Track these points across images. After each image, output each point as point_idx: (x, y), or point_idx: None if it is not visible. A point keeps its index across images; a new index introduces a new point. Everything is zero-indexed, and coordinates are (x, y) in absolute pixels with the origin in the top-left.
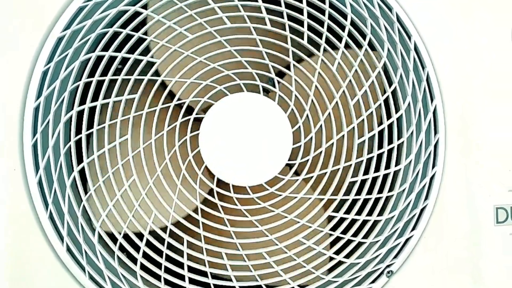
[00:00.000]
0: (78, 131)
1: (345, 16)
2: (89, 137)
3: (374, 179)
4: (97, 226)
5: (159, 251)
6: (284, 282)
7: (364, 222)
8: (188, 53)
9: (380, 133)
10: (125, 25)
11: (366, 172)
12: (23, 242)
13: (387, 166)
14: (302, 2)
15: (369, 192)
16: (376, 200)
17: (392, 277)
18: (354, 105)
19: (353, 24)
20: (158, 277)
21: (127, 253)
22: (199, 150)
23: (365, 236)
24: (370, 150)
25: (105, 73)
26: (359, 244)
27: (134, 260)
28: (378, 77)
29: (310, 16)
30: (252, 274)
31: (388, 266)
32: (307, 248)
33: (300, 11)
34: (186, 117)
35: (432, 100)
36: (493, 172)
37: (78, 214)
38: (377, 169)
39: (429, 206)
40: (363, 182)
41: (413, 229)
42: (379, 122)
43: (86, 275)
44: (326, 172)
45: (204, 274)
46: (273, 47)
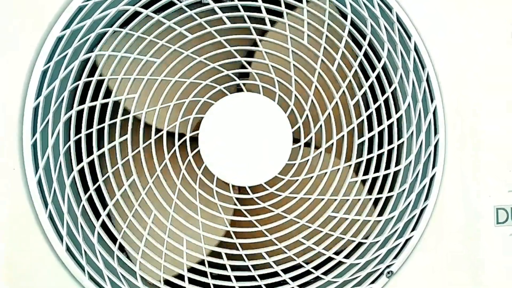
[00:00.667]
0: (78, 130)
1: (345, 17)
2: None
3: (374, 180)
4: (97, 226)
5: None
6: (283, 282)
7: (364, 222)
8: (188, 52)
9: (380, 133)
10: (125, 24)
11: (366, 172)
12: (22, 241)
13: (387, 167)
14: (302, 2)
15: (369, 192)
16: (376, 200)
17: (392, 278)
18: (354, 105)
19: (353, 24)
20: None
21: (126, 253)
22: (198, 150)
23: (365, 237)
24: (370, 150)
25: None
26: (359, 244)
27: (134, 260)
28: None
29: (310, 16)
30: (252, 274)
31: (388, 266)
32: (307, 248)
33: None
34: (186, 117)
35: (432, 101)
36: (493, 173)
37: (78, 214)
38: (377, 169)
39: (429, 207)
40: (363, 182)
41: (413, 229)
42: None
43: (86, 274)
44: (326, 172)
45: (203, 274)
46: (274, 47)
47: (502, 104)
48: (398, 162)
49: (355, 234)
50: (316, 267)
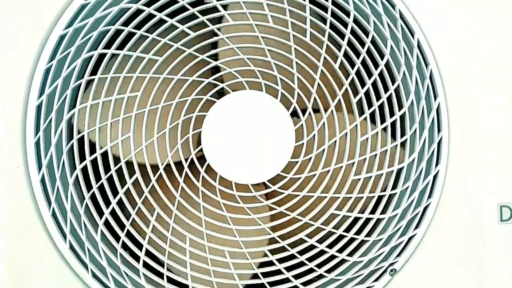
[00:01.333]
0: None
1: (347, 14)
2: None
3: (378, 177)
4: (100, 224)
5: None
6: (286, 280)
7: (367, 220)
8: (190, 50)
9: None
10: (127, 22)
11: (369, 170)
12: (25, 239)
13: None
14: (305, 0)
15: (372, 190)
16: (379, 198)
17: (395, 275)
18: (357, 102)
19: (355, 21)
20: (161, 274)
21: (130, 251)
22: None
23: (368, 234)
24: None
25: (107, 70)
26: (362, 242)
27: (137, 258)
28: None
29: (313, 14)
30: (255, 272)
31: (391, 264)
32: (310, 246)
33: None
34: (189, 115)
35: (435, 98)
36: (497, 170)
37: (81, 212)
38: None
39: (432, 204)
40: (366, 180)
41: (416, 227)
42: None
43: (89, 272)
44: (329, 170)
45: (206, 272)
46: (276, 45)
47: (508, 103)
48: (401, 160)
49: (358, 232)
50: (319, 265)
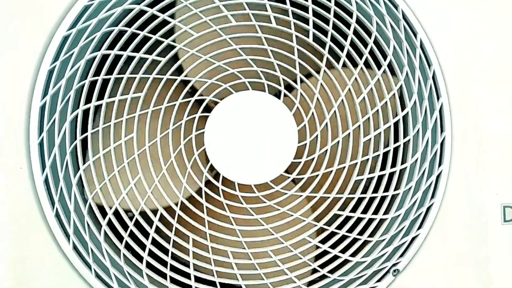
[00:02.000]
0: (84, 129)
1: (350, 14)
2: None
3: (380, 178)
4: (103, 225)
5: (165, 250)
6: (290, 281)
7: (370, 221)
8: (193, 51)
9: (386, 131)
10: (131, 23)
11: (372, 170)
12: (29, 240)
13: (393, 165)
14: (307, 0)
15: (375, 190)
16: (382, 198)
17: (398, 276)
18: (359, 103)
19: (358, 22)
20: (164, 275)
21: (133, 251)
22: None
23: (371, 235)
24: (376, 148)
25: (110, 71)
26: (365, 242)
27: (140, 258)
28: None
29: (315, 14)
30: (258, 272)
31: (394, 264)
32: (312, 246)
33: (306, 8)
34: (192, 115)
35: (438, 98)
36: (500, 170)
37: (84, 213)
38: (383, 167)
39: (435, 205)
40: (369, 180)
41: (419, 227)
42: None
43: (93, 273)
44: (331, 171)
45: (209, 272)
46: (279, 46)
47: (509, 100)
48: (404, 160)
49: (361, 233)
50: (322, 265)
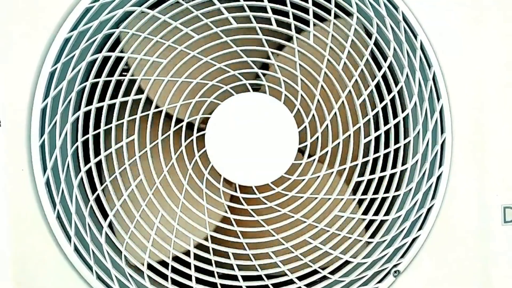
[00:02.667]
0: (85, 131)
1: (350, 16)
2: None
3: (381, 179)
4: (105, 226)
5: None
6: (290, 282)
7: (370, 222)
8: (194, 53)
9: (387, 132)
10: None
11: (372, 171)
12: (30, 242)
13: (394, 166)
14: (308, 2)
15: (376, 191)
16: (383, 199)
17: (399, 277)
18: (360, 104)
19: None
20: (165, 276)
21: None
22: (205, 150)
23: (371, 236)
24: (376, 149)
25: (111, 73)
26: (366, 243)
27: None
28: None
29: (316, 16)
30: (259, 273)
31: (395, 265)
32: (314, 247)
33: (306, 10)
34: (193, 117)
35: (438, 99)
36: (500, 171)
37: (86, 214)
38: (383, 168)
39: (436, 206)
40: (369, 181)
41: (420, 228)
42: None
43: (94, 274)
44: (332, 172)
45: (211, 273)
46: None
47: (510, 102)
48: (404, 161)
49: (362, 234)
50: (323, 267)
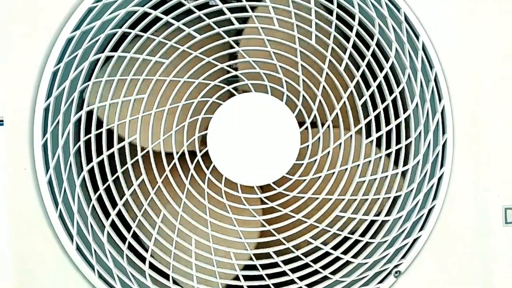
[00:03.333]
0: (88, 131)
1: (352, 17)
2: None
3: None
4: (107, 225)
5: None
6: (291, 282)
7: (372, 222)
8: (196, 53)
9: (388, 133)
10: (134, 25)
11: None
12: (32, 240)
13: (395, 166)
14: (310, 2)
15: (377, 192)
16: (384, 200)
17: (400, 277)
18: (361, 105)
19: (360, 24)
20: (167, 276)
21: (135, 252)
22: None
23: (372, 236)
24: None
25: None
26: (367, 244)
27: (143, 259)
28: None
29: (318, 16)
30: (260, 273)
31: (396, 266)
32: (315, 247)
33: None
34: (195, 117)
35: (440, 100)
36: (502, 172)
37: (88, 213)
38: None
39: (437, 206)
40: (371, 182)
41: (421, 229)
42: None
43: (96, 273)
44: (334, 172)
45: (212, 273)
46: (281, 48)
47: (511, 102)
48: (406, 162)
49: (363, 234)
50: (324, 267)
